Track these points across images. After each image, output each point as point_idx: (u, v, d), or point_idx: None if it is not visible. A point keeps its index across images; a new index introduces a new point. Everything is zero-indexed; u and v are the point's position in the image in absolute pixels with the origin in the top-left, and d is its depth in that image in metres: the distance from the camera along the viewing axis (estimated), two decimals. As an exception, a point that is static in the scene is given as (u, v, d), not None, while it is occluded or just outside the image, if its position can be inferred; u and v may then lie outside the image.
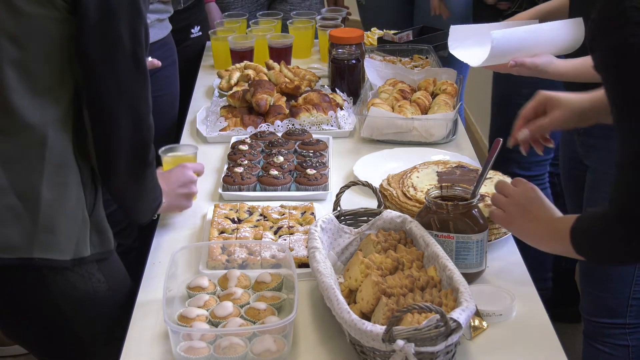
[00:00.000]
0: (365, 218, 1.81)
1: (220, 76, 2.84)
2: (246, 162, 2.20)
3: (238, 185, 2.12)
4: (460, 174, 2.01)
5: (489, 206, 1.81)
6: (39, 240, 1.64)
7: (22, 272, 1.67)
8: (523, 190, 1.68)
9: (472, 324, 1.58)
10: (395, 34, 3.11)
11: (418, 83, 2.65)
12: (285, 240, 1.88)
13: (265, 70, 2.82)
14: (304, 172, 2.16)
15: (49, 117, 1.63)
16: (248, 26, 3.26)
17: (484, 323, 1.60)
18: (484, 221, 1.72)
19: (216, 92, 2.76)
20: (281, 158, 2.22)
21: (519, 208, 1.67)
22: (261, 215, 1.99)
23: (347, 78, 2.71)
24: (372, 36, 3.20)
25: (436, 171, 2.04)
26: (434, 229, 1.71)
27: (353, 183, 1.83)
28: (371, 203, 1.94)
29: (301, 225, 1.95)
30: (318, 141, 2.34)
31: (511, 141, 1.87)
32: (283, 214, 1.99)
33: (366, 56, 2.81)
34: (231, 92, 2.64)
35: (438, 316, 1.37)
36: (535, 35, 2.04)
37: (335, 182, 2.17)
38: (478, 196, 1.75)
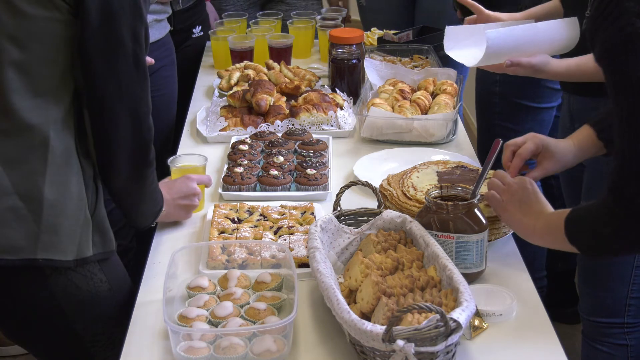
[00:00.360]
0: (365, 218, 1.81)
1: (220, 76, 2.84)
2: (246, 162, 2.20)
3: (238, 185, 2.12)
4: (460, 174, 2.01)
5: (489, 206, 1.81)
6: (43, 241, 1.64)
7: (25, 273, 1.67)
8: (521, 181, 1.73)
9: (472, 324, 1.58)
10: (395, 34, 3.11)
11: (418, 83, 2.65)
12: (285, 240, 1.88)
13: (265, 70, 2.82)
14: (304, 172, 2.16)
15: (51, 118, 1.63)
16: (248, 26, 3.26)
17: (484, 323, 1.60)
18: (484, 221, 1.72)
19: (216, 92, 2.76)
20: (281, 158, 2.21)
21: (515, 198, 1.72)
22: (261, 215, 1.99)
23: (347, 78, 2.71)
24: (372, 36, 3.20)
25: (436, 171, 2.04)
26: (434, 229, 1.71)
27: (353, 183, 1.83)
28: (371, 203, 1.94)
29: (301, 225, 1.95)
30: (318, 141, 2.34)
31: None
32: (283, 214, 1.99)
33: (366, 56, 2.80)
34: (231, 92, 2.64)
35: (438, 316, 1.37)
36: (530, 34, 2.04)
37: (335, 182, 2.17)
38: (478, 196, 1.75)
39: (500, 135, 2.11)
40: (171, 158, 2.09)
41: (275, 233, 1.91)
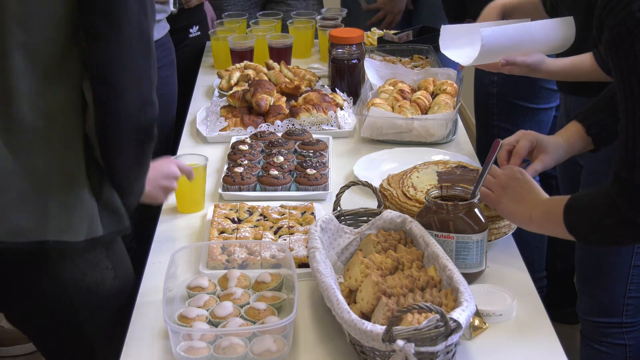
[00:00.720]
0: (365, 218, 1.81)
1: (220, 76, 2.84)
2: (246, 162, 2.20)
3: (238, 185, 2.12)
4: (460, 174, 2.01)
5: (489, 206, 1.81)
6: (52, 223, 1.65)
7: (32, 258, 1.68)
8: (510, 172, 1.74)
9: (472, 324, 1.58)
10: (395, 34, 3.11)
11: (418, 83, 2.65)
12: (285, 240, 1.88)
13: (265, 70, 2.82)
14: (304, 172, 2.16)
15: (56, 101, 1.63)
16: (248, 26, 3.26)
17: (484, 323, 1.60)
18: (484, 221, 1.72)
19: (216, 92, 2.76)
20: (281, 158, 2.21)
21: (507, 189, 1.72)
22: (261, 215, 1.99)
23: (347, 78, 2.71)
24: (372, 36, 3.20)
25: (436, 171, 2.04)
26: (434, 229, 1.71)
27: (353, 183, 1.83)
28: (371, 203, 1.94)
29: (301, 225, 1.95)
30: (318, 141, 2.34)
31: None
32: (283, 214, 1.99)
33: (366, 56, 2.81)
34: (231, 92, 2.64)
35: (438, 316, 1.37)
36: (525, 33, 2.04)
37: (335, 182, 2.17)
38: (478, 196, 1.75)
39: (499, 135, 2.12)
40: (171, 158, 2.09)
41: (275, 233, 1.91)
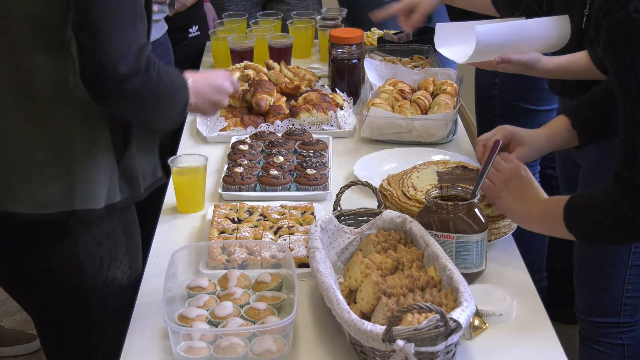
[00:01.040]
0: (365, 218, 1.81)
1: (220, 76, 2.84)
2: (246, 162, 2.20)
3: (238, 185, 2.12)
4: (460, 174, 2.01)
5: (489, 206, 1.81)
6: (77, 192, 1.67)
7: (52, 228, 1.70)
8: (514, 168, 1.75)
9: (472, 324, 1.58)
10: (395, 34, 3.11)
11: (418, 83, 2.65)
12: (285, 240, 1.88)
13: (265, 70, 2.82)
14: (304, 172, 2.16)
15: (68, 68, 1.64)
16: (248, 26, 3.26)
17: (484, 323, 1.60)
18: (484, 221, 1.72)
19: (216, 92, 2.76)
20: (281, 158, 2.21)
21: (508, 185, 1.73)
22: (261, 215, 1.99)
23: (347, 78, 2.71)
24: (372, 36, 3.20)
25: (436, 171, 2.04)
26: (434, 229, 1.71)
27: (353, 183, 1.83)
28: (371, 203, 1.94)
29: (301, 225, 1.95)
30: (318, 141, 2.34)
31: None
32: (283, 214, 1.99)
33: (366, 56, 2.81)
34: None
35: (438, 316, 1.37)
36: (520, 31, 2.04)
37: (335, 182, 2.17)
38: (478, 196, 1.75)
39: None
40: (171, 158, 2.08)
41: (275, 233, 1.91)
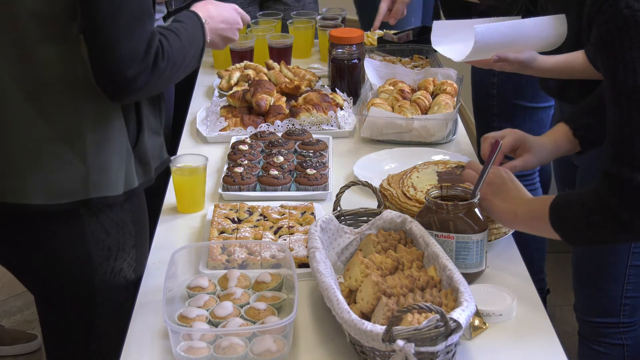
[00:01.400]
0: (365, 218, 1.81)
1: (220, 76, 2.84)
2: (246, 162, 2.20)
3: (238, 185, 2.12)
4: (460, 174, 2.01)
5: None
6: (93, 180, 1.70)
7: (65, 216, 1.72)
8: (496, 170, 1.76)
9: (472, 324, 1.58)
10: (395, 34, 3.11)
11: (418, 83, 2.65)
12: (285, 240, 1.88)
13: (265, 70, 2.82)
14: (304, 172, 2.16)
15: (76, 60, 1.65)
16: (248, 26, 3.26)
17: (484, 323, 1.60)
18: (484, 221, 1.72)
19: (216, 92, 2.76)
20: (281, 158, 2.21)
21: (492, 187, 1.73)
22: (261, 215, 1.99)
23: (347, 78, 2.71)
24: (372, 36, 3.20)
25: (436, 171, 2.04)
26: (434, 229, 1.71)
27: (353, 183, 1.83)
28: (371, 203, 1.94)
29: (301, 225, 1.95)
30: (318, 141, 2.34)
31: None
32: (283, 214, 1.99)
33: (366, 56, 2.80)
34: (231, 92, 2.64)
35: (438, 316, 1.37)
36: (518, 30, 2.04)
37: (335, 182, 2.17)
38: (478, 196, 1.75)
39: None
40: (171, 158, 2.09)
41: (275, 233, 1.91)
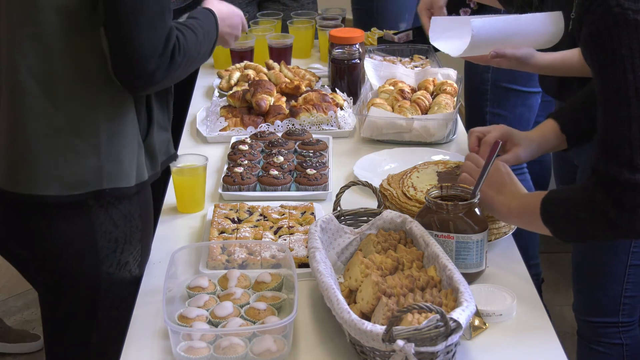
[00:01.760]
0: (365, 218, 1.81)
1: (220, 76, 2.84)
2: (246, 162, 2.20)
3: (238, 185, 2.12)
4: (460, 174, 2.01)
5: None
6: (106, 171, 1.72)
7: (74, 207, 1.73)
8: (495, 163, 1.76)
9: (472, 324, 1.58)
10: (395, 34, 3.11)
11: (418, 83, 2.65)
12: (285, 240, 1.88)
13: (265, 70, 2.82)
14: (304, 172, 2.16)
15: (92, 53, 1.66)
16: (248, 26, 3.26)
17: (484, 323, 1.60)
18: (484, 221, 1.72)
19: (216, 92, 2.76)
20: (281, 158, 2.21)
21: (489, 179, 1.74)
22: (261, 215, 1.99)
23: (347, 78, 2.71)
24: (372, 36, 3.20)
25: (436, 171, 2.04)
26: (434, 229, 1.71)
27: (353, 183, 1.83)
28: (371, 203, 1.94)
29: (301, 225, 1.95)
30: (318, 141, 2.34)
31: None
32: (283, 214, 1.99)
33: (366, 56, 2.81)
34: (231, 92, 2.64)
35: (438, 316, 1.37)
36: (515, 26, 2.04)
37: (335, 182, 2.17)
38: (478, 196, 1.75)
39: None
40: None
41: (275, 233, 1.91)
